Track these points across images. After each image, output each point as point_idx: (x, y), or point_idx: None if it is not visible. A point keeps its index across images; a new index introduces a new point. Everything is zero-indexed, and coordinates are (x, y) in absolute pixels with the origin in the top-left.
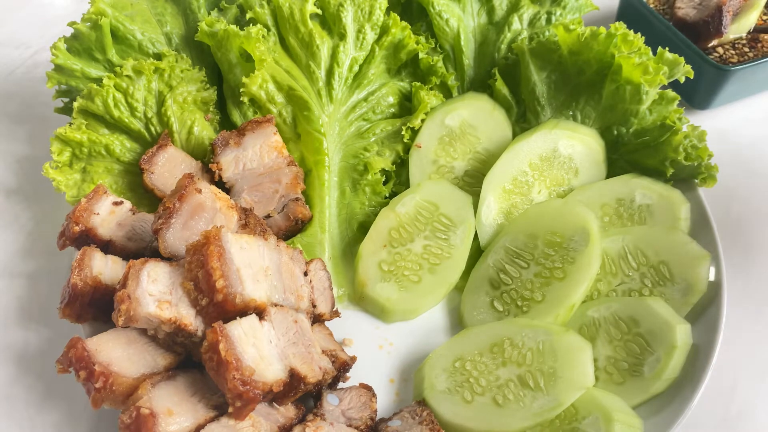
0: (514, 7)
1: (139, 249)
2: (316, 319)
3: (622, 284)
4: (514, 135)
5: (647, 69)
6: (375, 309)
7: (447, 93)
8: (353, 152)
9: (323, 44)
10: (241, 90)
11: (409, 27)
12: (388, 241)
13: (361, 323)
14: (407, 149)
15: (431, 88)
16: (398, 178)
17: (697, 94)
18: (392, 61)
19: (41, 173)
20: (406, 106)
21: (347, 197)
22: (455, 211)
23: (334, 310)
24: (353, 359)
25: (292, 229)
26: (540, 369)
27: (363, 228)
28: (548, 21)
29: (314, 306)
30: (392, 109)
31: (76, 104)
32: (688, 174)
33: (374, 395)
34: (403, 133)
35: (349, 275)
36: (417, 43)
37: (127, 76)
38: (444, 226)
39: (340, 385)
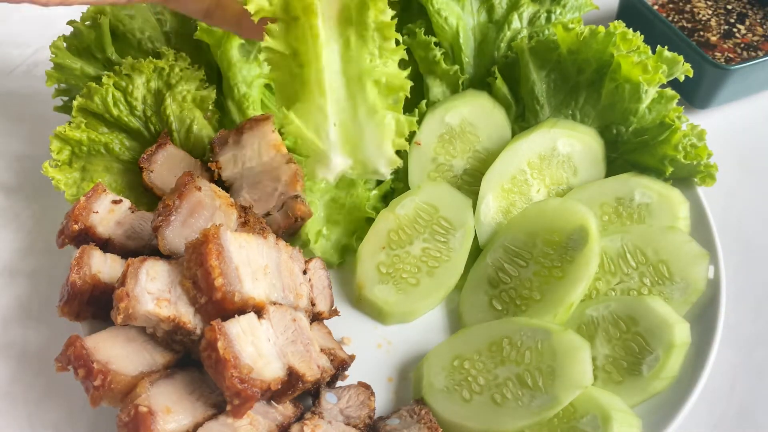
0: (513, 6)
1: (138, 247)
2: (315, 318)
3: (621, 283)
4: (513, 134)
5: (646, 68)
6: (373, 311)
7: (454, 88)
8: None
9: None
10: None
11: None
12: (387, 243)
13: (360, 322)
14: None
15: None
16: (397, 176)
17: (697, 93)
18: None
19: (41, 172)
20: None
21: (353, 49)
22: (455, 214)
23: (333, 308)
24: (352, 358)
25: (291, 227)
26: (538, 368)
27: (378, 84)
28: (548, 20)
29: (313, 304)
30: None
31: (75, 103)
32: (687, 173)
33: (373, 394)
34: None
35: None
36: None
37: (127, 74)
38: (443, 229)
39: (339, 383)
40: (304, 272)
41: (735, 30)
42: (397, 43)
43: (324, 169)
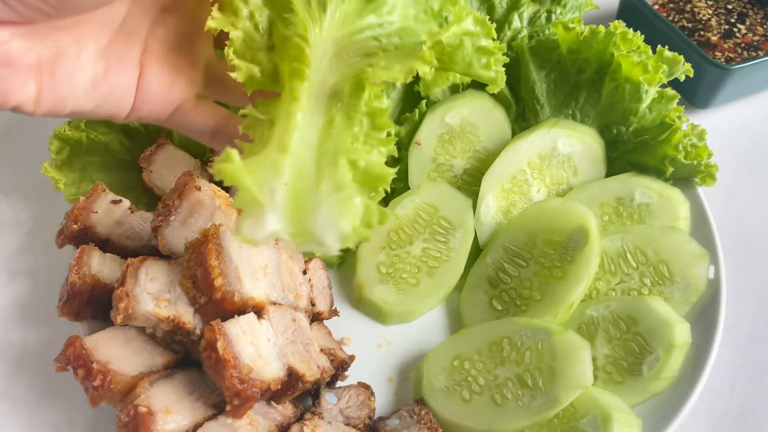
0: (514, 5)
1: (137, 247)
2: (315, 318)
3: (621, 283)
4: (513, 134)
5: (646, 67)
6: (373, 311)
7: (454, 88)
8: (352, 73)
9: None
10: None
11: None
12: (387, 243)
13: (360, 322)
14: (427, 67)
15: None
16: (397, 176)
17: (697, 93)
18: None
19: (40, 172)
20: None
21: (336, 127)
22: (455, 214)
23: (333, 308)
24: (352, 358)
25: None
26: (538, 368)
27: (355, 167)
28: (548, 19)
29: (313, 304)
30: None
31: None
32: (687, 173)
33: (372, 394)
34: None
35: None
36: None
37: None
38: (443, 229)
39: (339, 383)
40: (304, 272)
41: (735, 30)
42: (389, 135)
43: (252, 225)
